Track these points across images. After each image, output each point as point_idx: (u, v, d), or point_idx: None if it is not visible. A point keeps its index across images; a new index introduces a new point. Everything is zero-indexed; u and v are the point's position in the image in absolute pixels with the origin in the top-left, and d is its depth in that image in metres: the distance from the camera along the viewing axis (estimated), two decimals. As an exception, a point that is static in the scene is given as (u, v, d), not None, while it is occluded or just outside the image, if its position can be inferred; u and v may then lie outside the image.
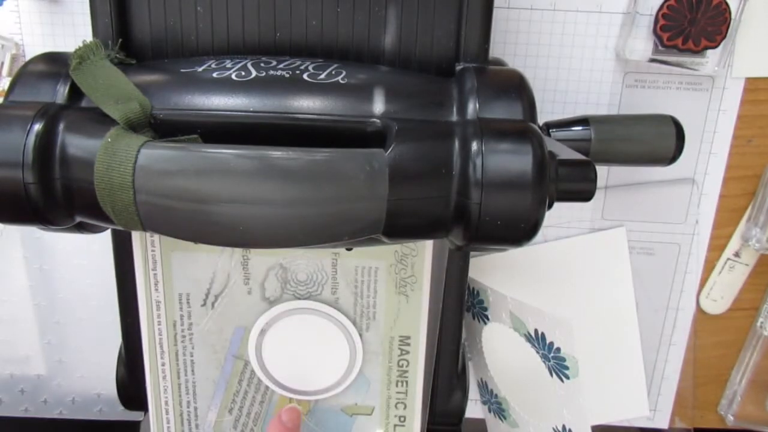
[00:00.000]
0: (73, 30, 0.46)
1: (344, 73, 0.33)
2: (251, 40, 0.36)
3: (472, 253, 0.45)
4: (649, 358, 0.52)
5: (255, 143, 0.28)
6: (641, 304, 0.51)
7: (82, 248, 0.51)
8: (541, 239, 0.50)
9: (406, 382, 0.43)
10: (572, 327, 0.41)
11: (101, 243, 0.51)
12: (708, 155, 0.48)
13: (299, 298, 0.41)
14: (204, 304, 0.41)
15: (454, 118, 0.32)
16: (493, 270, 0.50)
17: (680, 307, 0.51)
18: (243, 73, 0.32)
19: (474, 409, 0.54)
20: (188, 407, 0.44)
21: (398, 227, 0.30)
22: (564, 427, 0.44)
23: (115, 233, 0.41)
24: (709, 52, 0.44)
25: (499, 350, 0.49)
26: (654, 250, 0.50)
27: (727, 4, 0.42)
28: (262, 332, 0.42)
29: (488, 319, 0.47)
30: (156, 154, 0.28)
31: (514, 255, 0.49)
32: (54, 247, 0.51)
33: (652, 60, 0.44)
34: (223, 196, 0.27)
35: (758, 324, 0.51)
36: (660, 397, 0.53)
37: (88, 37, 0.35)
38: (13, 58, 0.46)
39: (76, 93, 0.32)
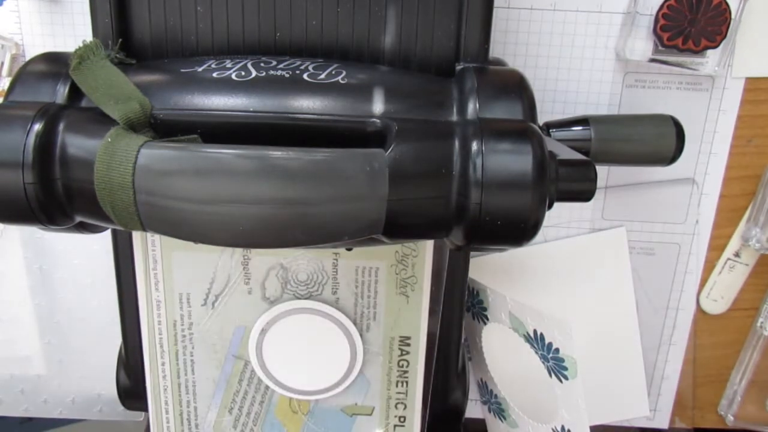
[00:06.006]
0: (73, 30, 0.46)
1: (344, 73, 0.33)
2: (251, 40, 0.36)
3: (472, 253, 0.45)
4: (649, 359, 0.52)
5: (255, 143, 0.28)
6: (641, 304, 0.51)
7: (82, 248, 0.51)
8: (541, 239, 0.50)
9: (406, 382, 0.43)
10: (571, 328, 0.41)
11: (101, 243, 0.51)
12: (708, 155, 0.48)
13: (300, 298, 0.41)
14: (204, 304, 0.41)
15: (454, 118, 0.32)
16: (493, 270, 0.50)
17: (680, 307, 0.51)
18: (243, 73, 0.32)
19: (474, 409, 0.54)
20: (188, 407, 0.44)
21: (398, 227, 0.30)
22: (563, 428, 0.44)
23: (115, 233, 0.41)
24: (709, 52, 0.44)
25: (499, 350, 0.49)
26: (654, 250, 0.50)
27: (727, 4, 0.42)
28: (263, 332, 0.42)
29: (488, 319, 0.47)
30: (156, 154, 0.28)
31: (514, 255, 0.49)
32: (54, 247, 0.51)
33: (652, 60, 0.44)
34: (223, 196, 0.27)
35: (758, 324, 0.51)
36: (660, 397, 0.53)
37: (88, 37, 0.35)
38: (13, 58, 0.46)
39: (76, 93, 0.32)
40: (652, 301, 0.51)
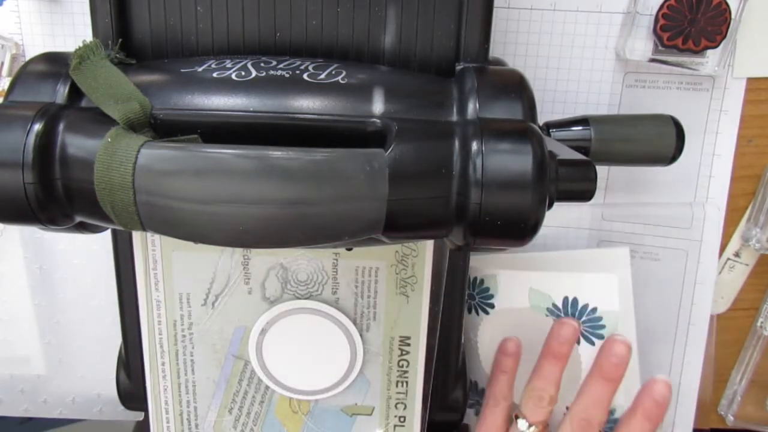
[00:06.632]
0: (73, 30, 0.46)
1: (344, 73, 0.33)
2: (251, 40, 0.36)
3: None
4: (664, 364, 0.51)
5: (255, 143, 0.28)
6: (648, 310, 0.50)
7: (82, 248, 0.51)
8: (540, 241, 0.49)
9: (406, 382, 0.43)
10: (615, 281, 0.43)
11: (101, 243, 0.51)
12: (711, 156, 0.47)
13: (300, 298, 0.41)
14: (204, 304, 0.41)
15: (454, 118, 0.32)
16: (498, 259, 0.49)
17: (692, 323, 0.50)
18: (243, 73, 0.32)
19: (475, 409, 0.54)
20: (188, 407, 0.44)
21: (398, 227, 0.30)
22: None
23: (115, 233, 0.41)
24: (709, 52, 0.44)
25: (500, 339, 0.49)
26: (659, 255, 0.49)
27: (727, 4, 0.42)
28: (263, 332, 0.42)
29: (493, 306, 0.47)
30: (156, 154, 0.28)
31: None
32: (54, 247, 0.51)
33: (652, 60, 0.44)
34: (223, 196, 0.27)
35: (758, 324, 0.51)
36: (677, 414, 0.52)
37: (88, 37, 0.35)
38: (13, 58, 0.46)
39: (76, 93, 0.32)
40: (659, 309, 0.50)
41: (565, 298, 0.45)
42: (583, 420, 0.42)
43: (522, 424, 0.44)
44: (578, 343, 0.44)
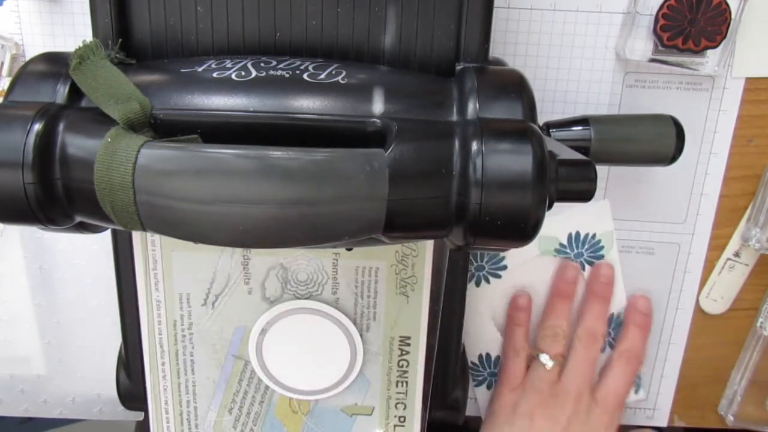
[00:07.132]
0: (73, 30, 0.46)
1: (344, 73, 0.33)
2: (251, 40, 0.36)
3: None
4: (648, 357, 0.52)
5: (255, 143, 0.28)
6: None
7: (82, 248, 0.51)
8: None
9: (406, 382, 0.43)
10: (607, 203, 0.47)
11: (101, 243, 0.51)
12: (708, 155, 0.48)
13: (300, 298, 0.41)
14: (204, 304, 0.41)
15: (454, 118, 0.32)
16: None
17: (680, 307, 0.51)
18: (243, 73, 0.32)
19: (475, 408, 0.54)
20: (188, 407, 0.44)
21: (398, 227, 0.30)
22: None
23: (115, 233, 0.41)
24: (709, 52, 0.44)
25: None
26: (654, 250, 0.50)
27: (727, 4, 0.42)
28: (263, 332, 0.42)
29: (505, 267, 0.49)
30: (156, 154, 0.28)
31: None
32: (54, 247, 0.51)
33: (652, 60, 0.44)
34: (223, 196, 0.27)
35: (758, 324, 0.51)
36: (659, 396, 0.53)
37: (88, 37, 0.35)
38: (13, 58, 0.46)
39: (76, 93, 0.32)
40: (653, 301, 0.51)
41: (569, 235, 0.48)
42: (590, 335, 0.48)
43: (543, 357, 0.48)
44: (583, 269, 0.49)
